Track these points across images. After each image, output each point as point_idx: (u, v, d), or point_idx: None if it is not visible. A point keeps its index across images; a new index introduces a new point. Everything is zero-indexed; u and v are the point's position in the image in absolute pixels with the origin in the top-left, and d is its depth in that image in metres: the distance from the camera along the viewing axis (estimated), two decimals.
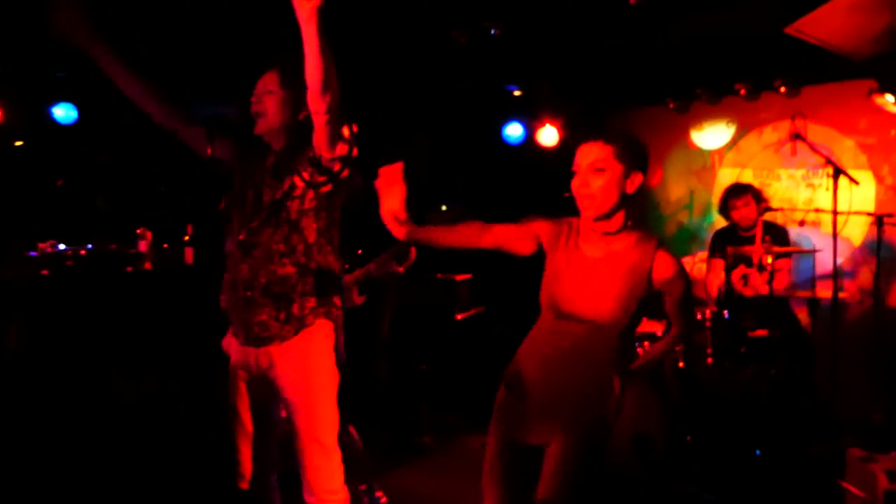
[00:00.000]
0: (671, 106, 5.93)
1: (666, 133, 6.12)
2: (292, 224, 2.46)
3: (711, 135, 6.00)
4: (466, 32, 4.52)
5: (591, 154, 2.19)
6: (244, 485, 2.57)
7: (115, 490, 3.35)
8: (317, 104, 2.27)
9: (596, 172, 2.16)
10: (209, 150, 2.55)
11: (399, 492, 3.75)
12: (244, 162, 2.63)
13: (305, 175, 2.44)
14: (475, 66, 5.22)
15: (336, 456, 2.47)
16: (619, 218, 2.22)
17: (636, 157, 2.20)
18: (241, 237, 2.49)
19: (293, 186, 2.47)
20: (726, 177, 5.81)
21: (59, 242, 3.73)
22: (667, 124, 6.06)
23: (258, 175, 2.55)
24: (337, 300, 2.56)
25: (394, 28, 4.59)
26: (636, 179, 2.19)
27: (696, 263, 5.78)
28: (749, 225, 4.62)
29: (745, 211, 4.61)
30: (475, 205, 5.70)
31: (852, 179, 4.18)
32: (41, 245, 3.65)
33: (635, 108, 6.07)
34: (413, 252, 4.27)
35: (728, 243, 4.61)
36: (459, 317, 5.33)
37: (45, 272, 3.52)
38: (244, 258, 2.47)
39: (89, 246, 3.75)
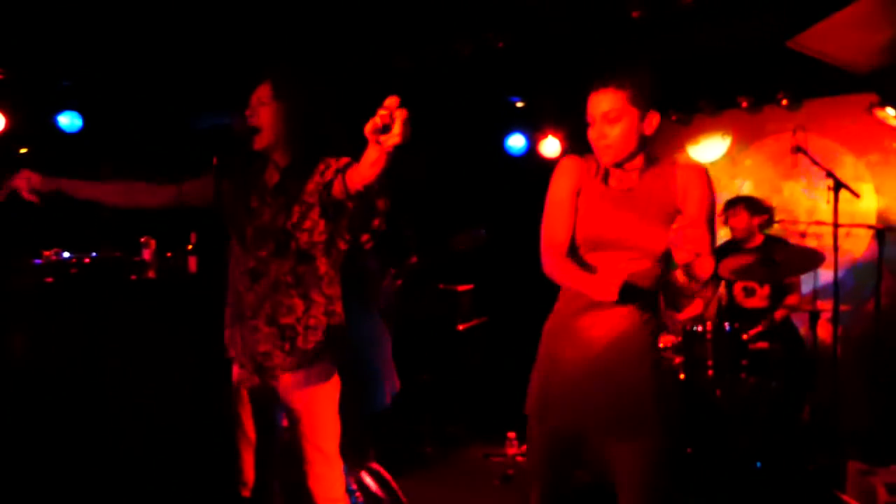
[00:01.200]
0: (673, 118, 5.95)
1: (667, 145, 6.13)
2: (301, 255, 2.42)
3: (707, 148, 6.02)
4: (469, 43, 4.55)
5: (603, 103, 2.12)
6: (246, 492, 2.58)
7: (119, 498, 3.35)
8: (356, 185, 2.30)
9: (611, 121, 2.10)
10: (215, 161, 2.54)
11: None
12: (239, 176, 2.59)
13: (317, 210, 2.42)
14: (478, 77, 5.25)
15: (338, 464, 2.47)
16: (642, 158, 2.18)
17: (651, 96, 2.13)
18: (251, 265, 2.45)
19: (303, 217, 2.42)
20: (727, 189, 5.83)
21: (64, 250, 3.74)
22: (668, 136, 6.07)
23: (258, 193, 2.51)
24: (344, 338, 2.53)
25: (396, 38, 4.62)
26: (654, 120, 2.13)
27: None
28: (742, 236, 4.64)
29: (734, 221, 4.65)
30: (477, 216, 5.72)
31: (854, 192, 4.19)
32: (46, 253, 3.66)
33: None
34: (415, 258, 4.30)
35: (728, 256, 4.61)
36: (461, 327, 5.33)
37: (49, 280, 3.53)
38: (251, 286, 2.43)
39: (93, 254, 3.76)
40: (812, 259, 4.20)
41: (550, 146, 5.98)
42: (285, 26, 4.26)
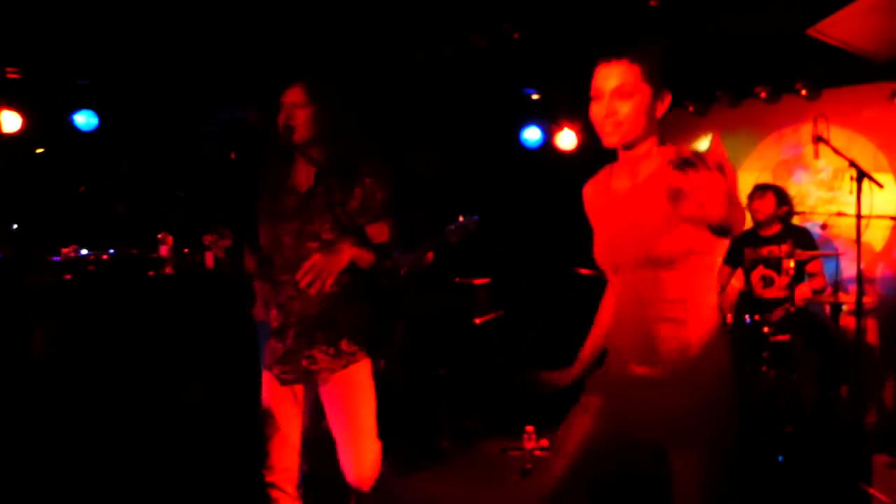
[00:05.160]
0: (690, 109, 5.89)
1: (684, 136, 6.08)
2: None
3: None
4: (485, 35, 4.52)
5: (614, 76, 1.88)
6: (271, 477, 2.63)
7: (143, 484, 3.37)
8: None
9: (623, 97, 1.88)
10: (232, 155, 2.56)
11: (417, 497, 3.74)
12: (270, 172, 2.63)
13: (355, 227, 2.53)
14: (493, 70, 5.22)
15: (377, 444, 2.62)
16: (651, 143, 1.96)
17: (665, 74, 1.92)
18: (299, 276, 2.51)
19: (337, 225, 2.52)
20: (745, 180, 5.76)
21: (82, 248, 3.77)
22: (685, 127, 6.02)
23: (292, 193, 2.57)
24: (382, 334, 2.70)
25: (411, 30, 4.61)
26: (666, 100, 1.93)
27: None
28: (764, 219, 4.59)
29: (759, 204, 4.60)
30: (493, 209, 5.71)
31: (877, 183, 4.13)
32: (64, 250, 3.70)
33: None
34: (430, 255, 4.30)
35: (748, 245, 4.58)
36: (478, 321, 5.31)
37: (68, 277, 3.56)
38: (298, 294, 2.51)
39: (111, 251, 3.79)
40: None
41: (566, 139, 5.94)
42: (299, 22, 4.25)
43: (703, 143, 6.00)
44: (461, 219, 4.21)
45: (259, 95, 2.65)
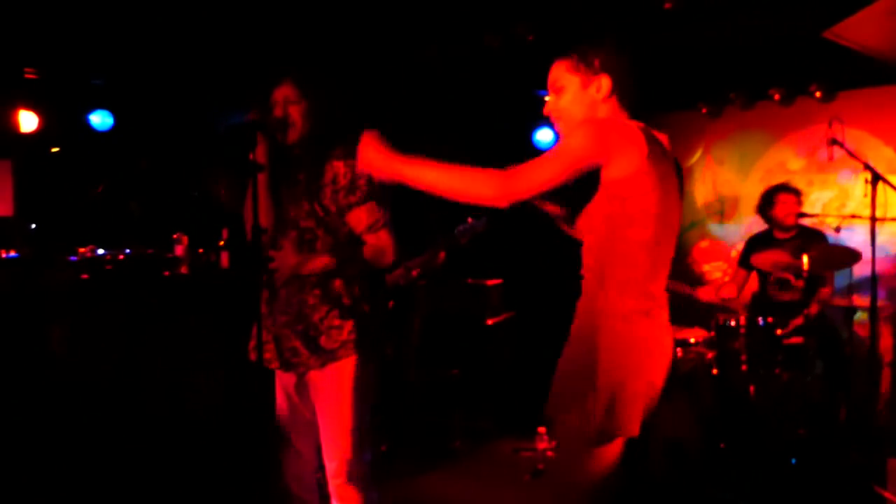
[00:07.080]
0: (704, 111, 5.88)
1: (698, 138, 6.08)
2: (322, 254, 2.48)
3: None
4: (498, 37, 4.53)
5: (551, 77, 2.12)
6: (285, 476, 2.62)
7: (149, 485, 3.39)
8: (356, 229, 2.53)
9: (555, 91, 2.10)
10: (251, 156, 2.55)
11: (430, 496, 3.75)
12: (268, 171, 2.63)
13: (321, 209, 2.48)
14: (507, 71, 5.23)
15: (356, 460, 2.50)
16: None
17: (593, 61, 2.04)
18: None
19: (312, 213, 2.48)
20: (757, 182, 5.75)
21: (99, 247, 3.80)
22: (699, 129, 6.01)
23: (283, 187, 2.56)
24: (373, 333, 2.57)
25: (425, 31, 4.61)
26: (602, 84, 2.04)
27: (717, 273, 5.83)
28: (790, 224, 4.56)
29: (785, 208, 4.55)
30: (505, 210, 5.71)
31: (893, 186, 4.11)
32: (81, 250, 3.73)
33: (667, 112, 6.03)
34: (442, 255, 4.31)
35: (763, 248, 4.56)
36: (490, 322, 5.32)
37: (85, 276, 3.59)
38: (282, 283, 2.49)
39: (127, 251, 3.82)
40: (848, 257, 4.14)
41: None
42: (313, 20, 4.27)
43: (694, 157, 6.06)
44: (469, 220, 4.22)
45: (259, 98, 2.65)
